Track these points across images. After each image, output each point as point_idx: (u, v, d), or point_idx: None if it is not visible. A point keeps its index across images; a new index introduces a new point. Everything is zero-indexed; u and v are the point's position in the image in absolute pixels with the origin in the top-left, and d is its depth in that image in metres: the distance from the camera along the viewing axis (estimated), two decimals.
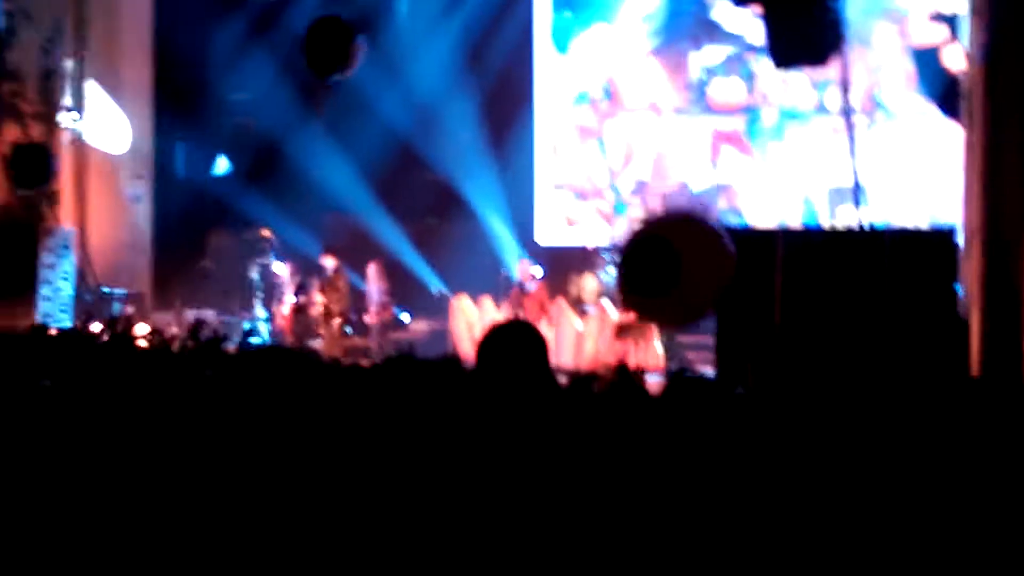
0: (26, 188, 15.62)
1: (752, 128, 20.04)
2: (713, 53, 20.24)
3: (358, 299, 17.22)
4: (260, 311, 17.10)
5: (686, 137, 20.03)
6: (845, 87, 12.84)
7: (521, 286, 16.16)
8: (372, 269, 16.83)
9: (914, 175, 18.45)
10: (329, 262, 15.98)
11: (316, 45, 12.53)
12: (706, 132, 20.30)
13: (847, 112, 15.36)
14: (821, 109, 19.40)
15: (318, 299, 15.96)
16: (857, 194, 10.09)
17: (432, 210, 20.70)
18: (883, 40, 18.62)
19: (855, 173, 12.41)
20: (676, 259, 8.96)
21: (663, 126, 20.50)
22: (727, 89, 20.27)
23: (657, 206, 19.73)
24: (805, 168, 19.44)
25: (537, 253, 20.07)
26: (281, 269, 16.93)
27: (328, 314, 15.90)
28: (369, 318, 16.71)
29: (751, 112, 20.10)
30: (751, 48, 19.50)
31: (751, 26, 18.97)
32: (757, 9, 10.04)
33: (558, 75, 21.28)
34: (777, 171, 19.68)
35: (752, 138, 20.06)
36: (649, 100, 20.73)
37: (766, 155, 19.90)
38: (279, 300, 16.50)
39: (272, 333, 16.60)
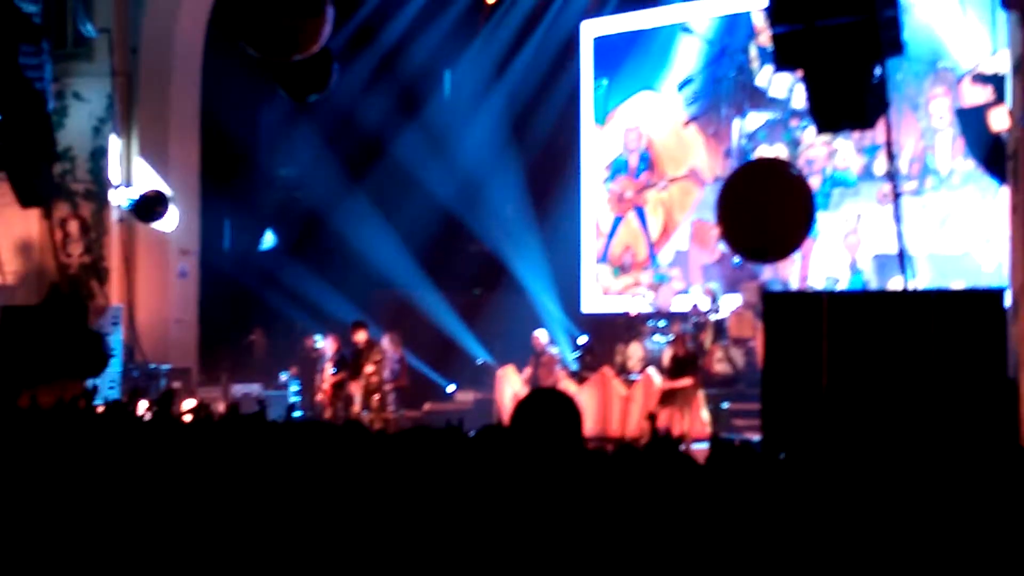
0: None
1: None
2: (755, 119, 20.07)
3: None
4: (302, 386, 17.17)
5: None
6: (891, 151, 12.78)
7: (537, 355, 16.13)
8: (386, 339, 16.80)
9: (964, 242, 18.15)
10: (361, 336, 15.91)
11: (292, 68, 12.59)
12: None
13: (893, 177, 15.28)
14: (868, 175, 19.15)
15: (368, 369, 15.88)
16: (903, 261, 9.99)
17: (477, 281, 20.81)
18: (934, 103, 18.44)
19: (901, 239, 12.33)
20: None
21: (704, 195, 20.21)
22: (770, 155, 20.09)
23: (697, 278, 19.66)
24: (852, 236, 19.20)
25: (582, 322, 20.08)
26: (324, 343, 16.94)
27: (368, 388, 15.84)
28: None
29: None
30: (795, 113, 19.33)
31: (795, 91, 18.89)
32: (799, 73, 10.00)
33: (597, 145, 21.42)
34: (823, 239, 19.44)
35: None
36: (689, 168, 20.66)
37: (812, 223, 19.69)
38: (320, 374, 16.47)
39: (312, 406, 16.54)
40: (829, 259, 19.14)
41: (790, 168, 11.78)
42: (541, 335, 16.20)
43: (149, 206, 16.70)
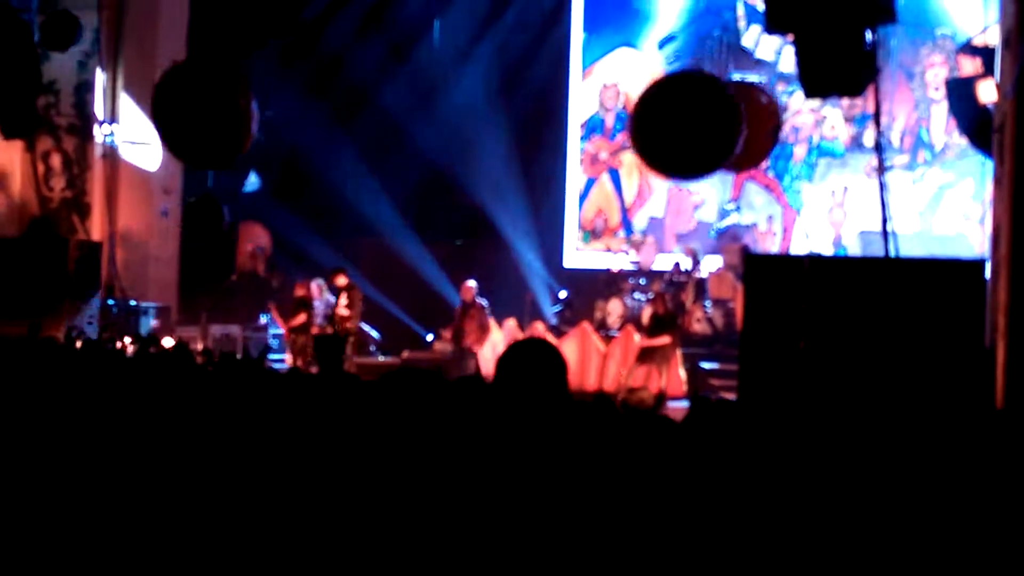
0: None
1: (780, 164, 19.56)
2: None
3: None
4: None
5: None
6: (878, 120, 12.76)
7: (465, 306, 15.92)
8: (314, 285, 16.81)
9: (957, 222, 18.02)
10: (341, 280, 15.91)
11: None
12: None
13: (880, 147, 15.24)
14: (857, 146, 18.94)
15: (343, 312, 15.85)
16: (887, 237, 9.98)
17: (460, 232, 20.78)
18: (930, 72, 18.23)
19: (885, 211, 12.34)
20: None
21: None
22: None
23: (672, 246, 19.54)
24: (837, 210, 19.04)
25: (563, 277, 20.11)
26: (303, 288, 16.90)
27: (341, 332, 15.85)
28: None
29: (780, 147, 19.54)
30: (782, 77, 19.12)
31: (783, 54, 18.70)
32: (789, 36, 9.99)
33: (578, 102, 21.20)
34: (807, 212, 19.29)
35: (780, 175, 19.61)
36: None
37: (795, 194, 19.45)
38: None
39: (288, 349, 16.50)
40: (812, 234, 19.02)
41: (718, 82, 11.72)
42: (470, 286, 15.87)
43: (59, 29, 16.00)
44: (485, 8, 20.45)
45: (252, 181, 19.73)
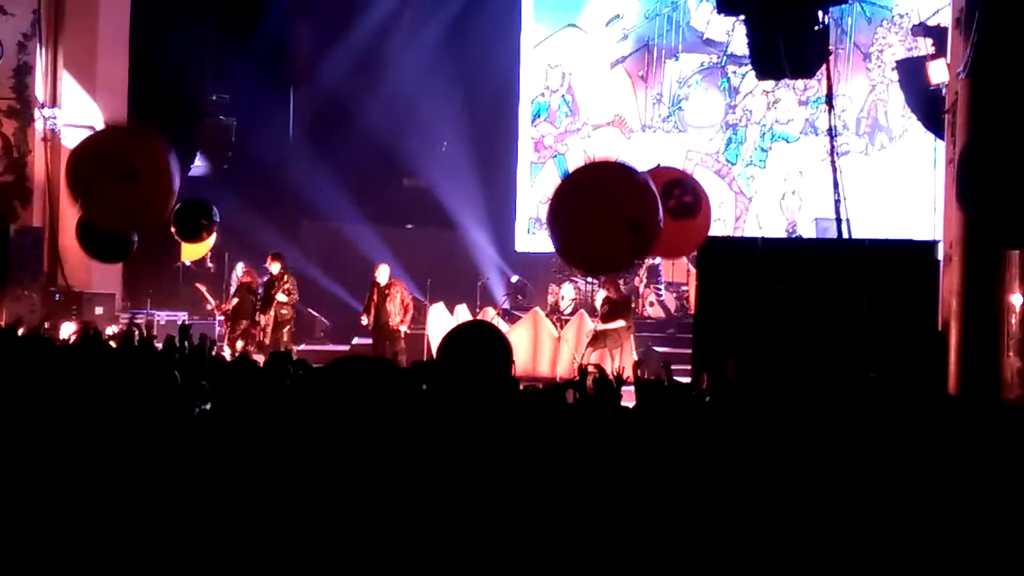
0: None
1: (732, 150, 19.48)
2: (690, 62, 19.65)
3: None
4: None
5: (655, 158, 16.00)
6: (831, 102, 12.83)
7: (380, 288, 15.65)
8: (241, 267, 16.77)
9: (913, 208, 17.97)
10: (275, 267, 15.83)
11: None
12: (679, 153, 19.35)
13: (832, 132, 15.31)
14: (811, 130, 18.88)
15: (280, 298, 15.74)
16: (839, 220, 9.99)
17: (410, 216, 20.70)
18: (887, 52, 18.12)
19: (838, 194, 12.38)
20: None
21: (629, 145, 19.72)
22: (704, 104, 19.74)
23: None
24: (791, 197, 18.99)
25: (516, 261, 20.10)
26: (249, 275, 16.78)
27: (277, 319, 15.77)
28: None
29: (731, 131, 19.59)
30: (733, 58, 19.07)
31: (734, 34, 18.54)
32: (740, 16, 10.00)
33: (528, 85, 21.08)
34: (759, 200, 19.22)
35: (731, 161, 19.56)
36: (615, 114, 20.19)
37: (747, 180, 19.39)
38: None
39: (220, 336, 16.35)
40: (765, 222, 18.97)
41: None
42: (385, 267, 15.73)
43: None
44: None
45: (198, 165, 19.51)
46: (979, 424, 4.38)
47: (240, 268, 17.16)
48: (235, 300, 15.95)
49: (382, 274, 15.57)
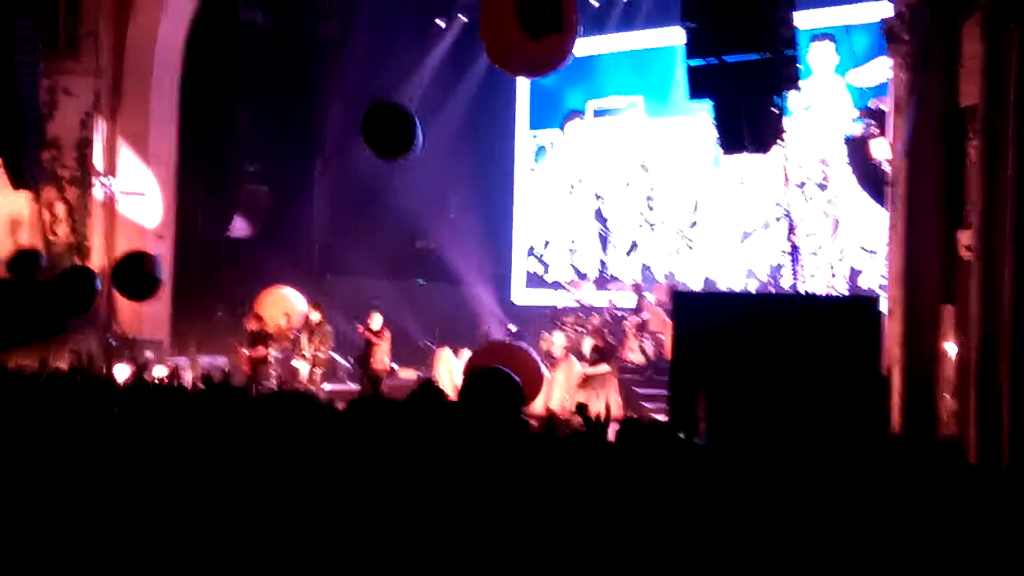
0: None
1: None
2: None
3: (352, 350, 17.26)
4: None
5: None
6: (784, 195, 13.05)
7: (368, 330, 15.61)
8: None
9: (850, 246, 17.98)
10: (315, 315, 15.88)
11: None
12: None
13: (791, 223, 15.40)
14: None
15: (305, 347, 15.78)
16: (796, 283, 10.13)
17: (420, 272, 20.82)
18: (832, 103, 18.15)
19: (795, 274, 12.49)
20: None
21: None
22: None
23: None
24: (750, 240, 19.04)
25: (513, 312, 20.20)
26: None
27: (314, 362, 15.81)
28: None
29: None
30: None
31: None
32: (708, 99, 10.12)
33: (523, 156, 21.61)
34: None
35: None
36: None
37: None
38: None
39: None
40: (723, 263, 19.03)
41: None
42: (374, 318, 15.66)
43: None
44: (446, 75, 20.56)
45: (237, 226, 19.65)
46: (919, 459, 4.41)
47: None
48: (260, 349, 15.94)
49: (376, 322, 15.50)
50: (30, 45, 12.63)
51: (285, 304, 17.50)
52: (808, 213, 17.89)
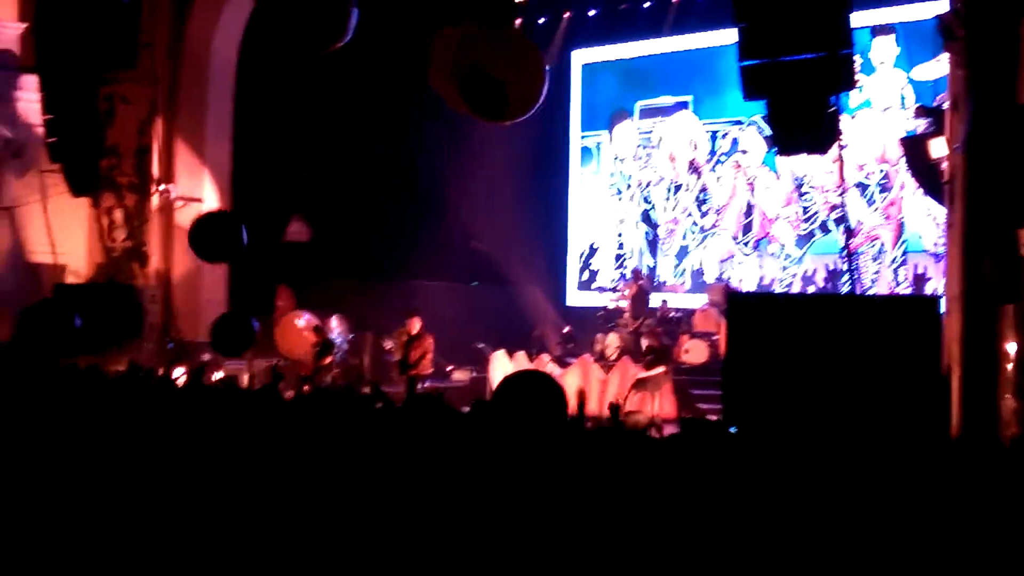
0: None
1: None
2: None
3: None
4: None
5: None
6: (842, 196, 12.93)
7: (409, 335, 14.86)
8: (335, 320, 16.81)
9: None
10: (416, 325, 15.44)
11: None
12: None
13: (848, 230, 15.18)
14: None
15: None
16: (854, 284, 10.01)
17: (477, 275, 20.84)
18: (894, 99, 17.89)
19: (854, 284, 12.35)
20: None
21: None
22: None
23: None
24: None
25: (567, 313, 20.18)
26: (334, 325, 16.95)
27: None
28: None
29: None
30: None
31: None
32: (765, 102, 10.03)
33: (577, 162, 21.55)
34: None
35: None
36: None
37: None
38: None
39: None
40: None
41: None
42: (415, 321, 15.33)
43: None
44: None
45: (292, 231, 19.81)
46: (979, 465, 4.35)
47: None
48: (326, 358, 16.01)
49: (415, 325, 15.18)
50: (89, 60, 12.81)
51: (296, 332, 17.44)
52: (869, 216, 17.70)
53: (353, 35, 10.90)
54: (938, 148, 11.43)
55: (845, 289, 16.94)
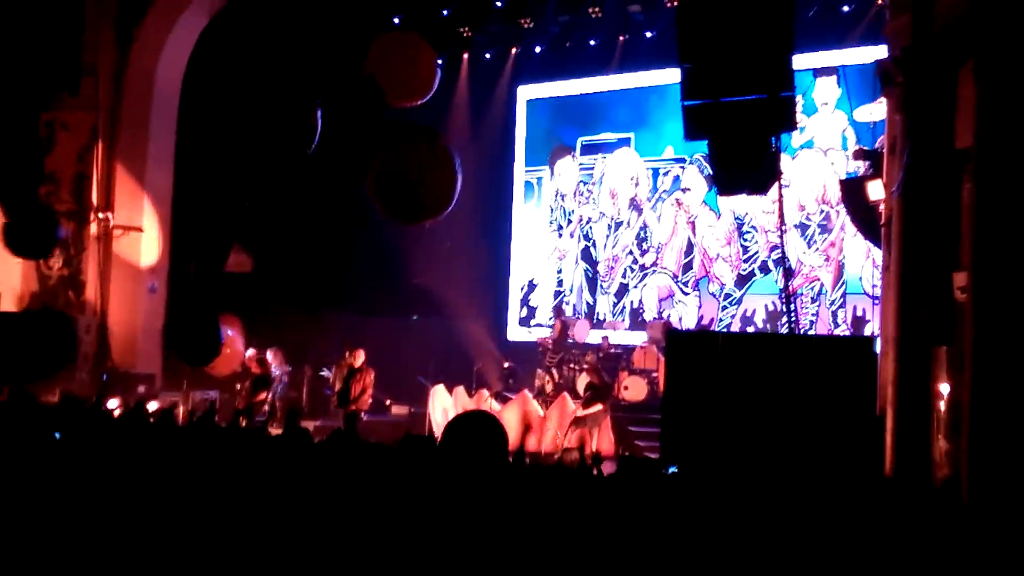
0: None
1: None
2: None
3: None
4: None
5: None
6: (782, 239, 13.04)
7: (351, 368, 14.79)
8: (270, 354, 16.74)
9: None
10: (360, 357, 15.28)
11: None
12: None
13: (788, 270, 15.33)
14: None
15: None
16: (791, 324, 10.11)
17: (416, 310, 20.80)
18: (834, 141, 18.19)
19: (791, 325, 12.51)
20: None
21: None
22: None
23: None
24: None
25: (508, 349, 20.17)
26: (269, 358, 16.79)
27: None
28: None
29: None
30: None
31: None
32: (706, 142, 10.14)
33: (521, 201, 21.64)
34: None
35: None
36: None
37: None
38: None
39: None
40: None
41: None
42: (359, 353, 15.22)
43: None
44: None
45: (232, 261, 19.63)
46: (911, 506, 4.41)
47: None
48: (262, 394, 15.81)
49: (358, 357, 15.07)
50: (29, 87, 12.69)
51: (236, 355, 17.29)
52: (809, 256, 17.93)
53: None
54: (876, 191, 11.62)
55: (784, 330, 17.10)
